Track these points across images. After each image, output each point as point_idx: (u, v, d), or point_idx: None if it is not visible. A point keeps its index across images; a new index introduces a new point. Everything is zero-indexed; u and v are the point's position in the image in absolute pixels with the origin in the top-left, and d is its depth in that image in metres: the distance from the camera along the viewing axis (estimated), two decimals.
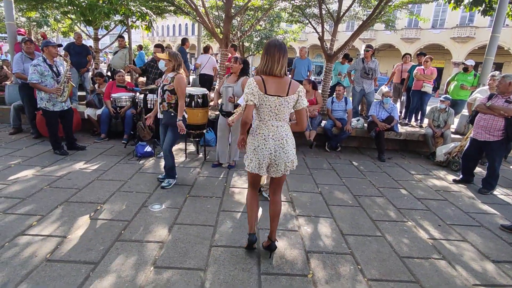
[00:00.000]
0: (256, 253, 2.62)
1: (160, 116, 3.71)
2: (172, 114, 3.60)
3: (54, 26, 15.65)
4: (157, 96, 3.67)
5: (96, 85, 6.13)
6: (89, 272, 2.27)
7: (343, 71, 7.86)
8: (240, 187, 3.98)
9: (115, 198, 3.47)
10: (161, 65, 3.59)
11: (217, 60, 8.64)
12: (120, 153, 4.97)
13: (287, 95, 2.25)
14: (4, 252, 2.42)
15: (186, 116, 3.69)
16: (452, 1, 8.23)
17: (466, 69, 6.64)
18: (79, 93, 7.39)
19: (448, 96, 6.10)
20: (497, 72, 5.31)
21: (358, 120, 6.31)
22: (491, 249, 2.95)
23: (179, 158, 4.90)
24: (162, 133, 3.81)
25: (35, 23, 17.46)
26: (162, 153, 4.85)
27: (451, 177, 4.95)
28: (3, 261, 2.32)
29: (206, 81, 8.23)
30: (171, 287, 2.17)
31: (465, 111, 6.72)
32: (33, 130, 5.48)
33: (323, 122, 6.09)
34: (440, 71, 20.73)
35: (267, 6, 10.33)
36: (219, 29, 9.87)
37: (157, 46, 5.92)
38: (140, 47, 13.72)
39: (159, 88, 3.62)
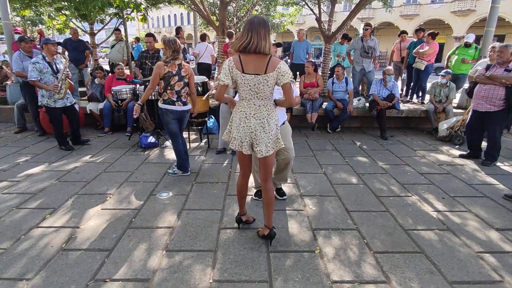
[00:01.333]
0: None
1: (185, 108, 3.73)
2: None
3: (49, 24, 15.52)
4: (171, 89, 3.64)
5: (96, 79, 6.14)
6: (104, 258, 2.36)
7: (342, 51, 7.78)
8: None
9: (123, 188, 3.54)
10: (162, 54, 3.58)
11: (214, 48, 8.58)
12: (124, 146, 5.03)
13: (265, 73, 2.16)
14: (21, 244, 2.51)
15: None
16: None
17: (468, 44, 6.54)
18: (80, 89, 7.42)
19: (448, 70, 6.04)
20: (497, 43, 5.24)
21: (359, 100, 6.30)
22: (495, 218, 3.00)
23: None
24: (177, 127, 3.81)
25: (30, 21, 17.37)
26: (166, 143, 4.92)
27: (454, 151, 4.97)
28: (21, 253, 2.41)
29: (204, 69, 8.21)
30: (183, 269, 2.25)
31: (467, 85, 6.66)
32: (37, 127, 5.54)
33: (324, 104, 6.09)
34: (441, 46, 20.39)
35: None
36: (214, 17, 9.77)
37: (148, 35, 5.82)
38: (137, 40, 13.62)
39: (177, 80, 3.54)
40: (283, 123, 2.99)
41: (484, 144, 4.69)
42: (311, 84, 6.02)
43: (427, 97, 6.56)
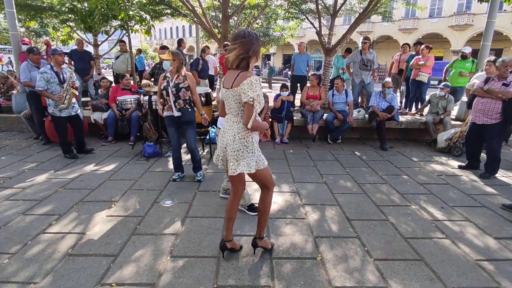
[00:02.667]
0: (267, 239, 2.74)
1: (176, 114, 3.80)
2: (189, 110, 3.80)
3: (53, 35, 15.82)
4: (167, 96, 3.77)
5: (99, 90, 6.27)
6: (109, 263, 2.40)
7: (343, 65, 7.95)
8: (247, 180, 4.09)
9: (128, 196, 3.60)
10: (166, 66, 3.71)
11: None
12: (128, 154, 5.11)
13: (231, 87, 2.10)
14: (28, 250, 2.56)
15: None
16: None
17: (464, 57, 6.71)
18: (83, 99, 7.54)
19: (447, 83, 6.17)
20: (492, 57, 5.38)
21: (359, 112, 6.42)
22: (493, 227, 3.05)
23: (186, 156, 5.02)
24: (175, 132, 3.93)
25: (34, 33, 17.68)
26: (168, 152, 5.00)
27: (453, 162, 5.04)
28: (28, 258, 2.45)
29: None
30: (188, 274, 2.30)
31: (464, 98, 6.79)
32: (42, 136, 5.63)
33: (325, 115, 6.19)
34: (439, 59, 20.72)
35: (263, 4, 10.43)
36: (216, 29, 9.99)
37: (162, 48, 6.00)
38: (139, 51, 13.88)
39: (170, 87, 3.72)
40: None
41: (483, 155, 4.76)
42: (314, 96, 6.14)
43: (426, 109, 6.68)
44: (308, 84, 6.50)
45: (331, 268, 2.40)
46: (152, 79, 5.96)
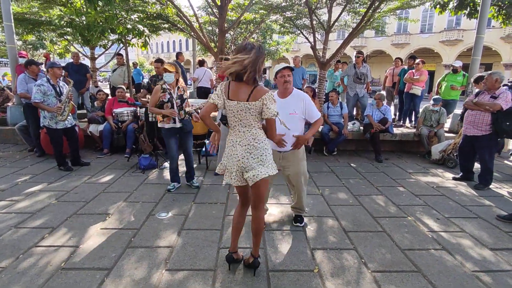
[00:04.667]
0: (263, 251, 2.72)
1: (178, 125, 3.91)
2: (189, 120, 3.99)
3: (50, 48, 15.91)
4: (172, 107, 3.85)
5: (96, 102, 6.28)
6: (103, 277, 2.36)
7: (337, 78, 8.09)
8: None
9: (123, 208, 3.57)
10: (171, 78, 3.77)
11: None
12: (123, 167, 5.08)
13: (247, 100, 2.10)
14: (20, 263, 2.50)
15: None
16: (438, 6, 8.58)
17: (455, 70, 6.87)
18: (79, 112, 7.54)
19: (438, 97, 6.29)
20: (484, 72, 5.52)
21: (353, 124, 6.48)
22: (488, 238, 3.06)
23: (182, 168, 5.00)
24: (174, 143, 4.01)
25: (31, 46, 17.78)
26: (165, 164, 4.98)
27: (447, 174, 5.09)
28: (20, 271, 2.40)
29: (203, 93, 8.43)
30: (183, 287, 2.26)
31: (457, 111, 6.92)
32: (37, 148, 5.59)
33: (320, 128, 6.25)
34: (431, 74, 21.13)
35: (259, 19, 10.64)
36: (213, 43, 10.14)
37: (157, 61, 6.02)
38: (134, 65, 13.99)
39: (175, 99, 3.86)
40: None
41: (476, 166, 4.82)
42: None
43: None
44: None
45: (328, 280, 2.38)
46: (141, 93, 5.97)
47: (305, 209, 3.30)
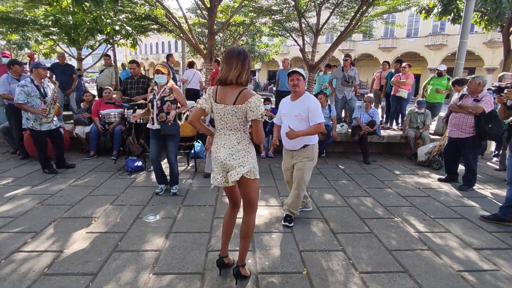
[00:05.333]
0: (251, 254, 2.71)
1: (156, 127, 3.82)
2: (170, 123, 3.78)
3: (35, 48, 15.57)
4: (152, 108, 3.78)
5: (82, 103, 6.17)
6: (88, 283, 2.30)
7: (325, 81, 8.16)
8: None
9: (109, 211, 3.50)
10: (163, 79, 3.72)
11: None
12: (110, 169, 4.99)
13: (234, 104, 2.12)
14: (1, 269, 2.42)
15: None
16: (423, 11, 8.78)
17: (440, 74, 7.03)
18: (65, 113, 7.39)
19: (421, 100, 6.38)
20: (469, 76, 5.66)
21: (342, 126, 6.55)
22: (472, 238, 3.13)
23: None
24: (155, 144, 3.91)
25: (15, 45, 17.34)
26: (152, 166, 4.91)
27: (433, 175, 5.19)
28: (1, 277, 2.32)
29: (192, 95, 8.37)
30: None
31: (442, 113, 7.07)
32: (20, 150, 5.44)
33: None
34: (417, 77, 21.57)
35: (248, 21, 10.67)
36: (202, 45, 10.11)
37: (132, 62, 5.92)
38: (123, 66, 13.82)
39: (156, 100, 3.75)
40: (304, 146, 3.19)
41: (461, 168, 4.93)
42: None
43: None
44: None
45: (317, 282, 2.38)
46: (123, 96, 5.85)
47: (297, 210, 3.35)
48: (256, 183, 2.25)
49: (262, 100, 2.23)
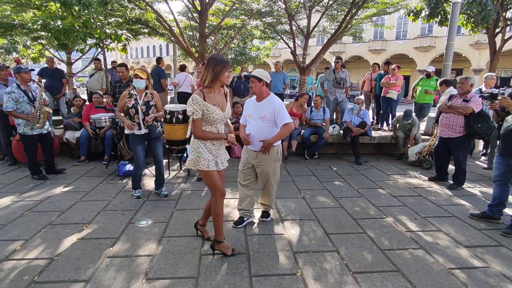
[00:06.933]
0: (246, 257, 2.71)
1: (144, 131, 3.81)
2: (156, 126, 3.87)
3: (24, 53, 15.34)
4: (136, 114, 3.76)
5: (72, 108, 6.09)
6: None
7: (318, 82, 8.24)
8: (225, 198, 4.05)
9: (101, 217, 3.45)
10: (142, 84, 3.71)
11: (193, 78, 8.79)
12: (101, 174, 4.93)
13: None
14: None
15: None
16: (411, 14, 8.94)
17: (428, 75, 7.15)
18: (54, 118, 7.28)
19: (409, 111, 6.24)
20: (458, 77, 5.76)
21: (334, 128, 6.60)
22: (463, 236, 3.18)
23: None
24: (141, 150, 3.91)
25: (3, 50, 17.06)
26: (145, 171, 4.88)
27: (423, 175, 5.26)
28: None
29: (184, 98, 8.32)
30: None
31: (431, 114, 7.19)
32: (8, 156, 5.34)
33: (302, 131, 6.32)
34: (407, 78, 21.90)
35: (239, 25, 10.70)
36: (194, 48, 10.09)
37: (121, 65, 5.84)
38: (113, 64, 13.70)
39: (140, 105, 3.73)
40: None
41: (450, 167, 5.01)
42: (295, 114, 6.23)
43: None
44: (295, 101, 6.60)
45: (311, 283, 2.39)
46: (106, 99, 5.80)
47: (272, 205, 3.52)
48: (203, 174, 2.62)
49: (192, 100, 2.47)
